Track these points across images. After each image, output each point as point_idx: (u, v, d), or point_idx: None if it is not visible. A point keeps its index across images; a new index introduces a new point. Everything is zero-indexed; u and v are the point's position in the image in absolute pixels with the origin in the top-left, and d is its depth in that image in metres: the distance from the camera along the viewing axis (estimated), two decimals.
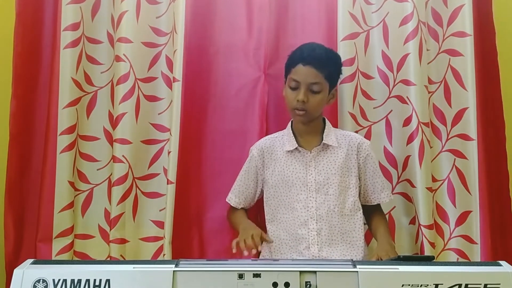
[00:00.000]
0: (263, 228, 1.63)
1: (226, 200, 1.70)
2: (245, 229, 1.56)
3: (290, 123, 1.67)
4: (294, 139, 1.62)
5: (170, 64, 1.79)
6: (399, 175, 1.78)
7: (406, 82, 1.74)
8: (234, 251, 1.47)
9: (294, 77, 1.56)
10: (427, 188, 1.71)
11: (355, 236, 1.57)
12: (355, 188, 1.60)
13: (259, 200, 1.71)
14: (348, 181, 1.59)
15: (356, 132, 1.74)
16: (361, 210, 1.61)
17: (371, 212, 1.65)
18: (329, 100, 1.62)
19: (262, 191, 1.67)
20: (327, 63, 1.57)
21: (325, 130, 1.62)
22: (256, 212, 1.75)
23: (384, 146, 1.78)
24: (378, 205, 1.67)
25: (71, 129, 1.75)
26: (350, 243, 1.56)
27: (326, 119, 1.67)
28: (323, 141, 1.60)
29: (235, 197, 1.69)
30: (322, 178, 1.57)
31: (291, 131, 1.64)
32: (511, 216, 1.76)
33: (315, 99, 1.56)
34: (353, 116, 1.76)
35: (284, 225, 1.58)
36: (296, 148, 1.60)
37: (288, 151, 1.61)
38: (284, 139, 1.64)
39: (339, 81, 1.69)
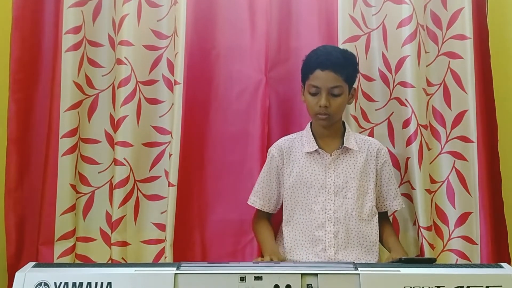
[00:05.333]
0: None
1: (249, 203, 1.67)
2: (270, 256, 1.53)
3: (309, 124, 1.66)
4: (314, 141, 1.61)
5: (171, 67, 1.80)
6: (402, 176, 1.79)
7: (404, 84, 1.74)
8: None
9: (313, 83, 1.55)
10: (425, 190, 1.72)
11: (371, 241, 1.57)
12: (373, 193, 1.60)
13: None
14: (366, 186, 1.59)
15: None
16: (377, 216, 1.61)
17: (379, 218, 1.64)
18: (349, 100, 1.62)
19: None
20: (345, 65, 1.56)
21: (346, 134, 1.62)
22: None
23: (387, 147, 1.79)
24: (385, 212, 1.67)
25: (72, 132, 1.75)
26: (366, 248, 1.56)
27: (346, 122, 1.67)
28: (344, 145, 1.60)
29: (259, 199, 1.66)
30: (341, 181, 1.57)
31: (310, 133, 1.63)
32: (504, 218, 1.76)
33: (336, 102, 1.55)
34: (355, 118, 1.77)
35: (301, 226, 1.58)
36: (316, 150, 1.60)
37: (308, 153, 1.61)
38: (303, 140, 1.64)
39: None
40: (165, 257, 1.70)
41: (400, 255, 1.50)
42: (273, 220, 1.71)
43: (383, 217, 1.66)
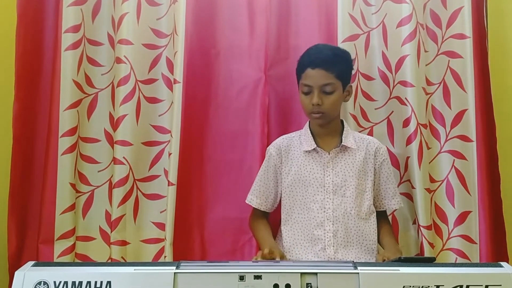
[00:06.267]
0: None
1: (247, 202, 1.67)
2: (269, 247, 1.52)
3: (307, 123, 1.66)
4: (313, 140, 1.61)
5: (170, 65, 1.80)
6: (402, 175, 1.79)
7: (404, 84, 1.74)
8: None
9: (305, 82, 1.56)
10: (425, 189, 1.72)
11: (370, 239, 1.57)
12: (371, 192, 1.60)
13: None
14: (364, 184, 1.59)
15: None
16: (375, 214, 1.62)
17: (378, 217, 1.64)
18: (345, 98, 1.62)
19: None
20: (335, 62, 1.56)
21: (344, 132, 1.62)
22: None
23: (386, 147, 1.79)
24: (384, 211, 1.67)
25: (72, 131, 1.75)
26: (365, 246, 1.57)
27: (344, 121, 1.67)
28: (342, 143, 1.60)
29: (256, 198, 1.66)
30: (340, 180, 1.57)
31: (309, 131, 1.63)
32: (503, 217, 1.76)
33: (329, 100, 1.55)
34: (354, 117, 1.77)
35: (300, 225, 1.58)
36: (314, 148, 1.60)
37: (306, 151, 1.61)
38: (301, 139, 1.64)
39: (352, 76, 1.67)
40: (165, 256, 1.71)
41: (392, 252, 1.50)
42: (272, 219, 1.71)
43: (382, 216, 1.66)
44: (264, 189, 1.66)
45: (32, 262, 1.10)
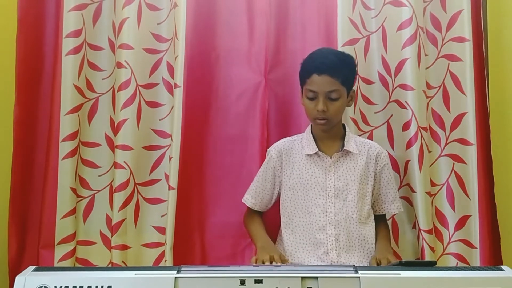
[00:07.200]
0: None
1: (242, 200, 1.69)
2: (264, 248, 1.54)
3: (309, 126, 1.66)
4: (315, 143, 1.61)
5: (171, 70, 1.80)
6: (401, 179, 1.79)
7: (404, 87, 1.75)
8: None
9: (310, 88, 1.55)
10: (426, 192, 1.72)
11: (372, 243, 1.58)
12: (370, 196, 1.60)
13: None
14: (365, 189, 1.60)
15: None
16: (373, 217, 1.62)
17: (375, 221, 1.64)
18: (348, 103, 1.62)
19: (279, 194, 1.66)
20: (341, 68, 1.55)
21: (346, 136, 1.62)
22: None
23: (386, 150, 1.79)
24: (383, 215, 1.68)
25: (73, 136, 1.75)
26: (367, 250, 1.57)
27: (346, 125, 1.67)
28: (344, 147, 1.60)
29: (251, 197, 1.67)
30: (342, 184, 1.57)
31: (311, 135, 1.63)
32: (497, 221, 1.75)
33: (334, 106, 1.55)
34: (354, 121, 1.77)
35: (301, 229, 1.58)
36: (316, 152, 1.60)
37: (308, 155, 1.61)
38: (303, 142, 1.64)
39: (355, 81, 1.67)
40: (165, 261, 1.70)
41: (382, 254, 1.51)
42: (272, 222, 1.71)
43: (381, 220, 1.66)
44: (261, 190, 1.66)
45: (33, 267, 1.11)
